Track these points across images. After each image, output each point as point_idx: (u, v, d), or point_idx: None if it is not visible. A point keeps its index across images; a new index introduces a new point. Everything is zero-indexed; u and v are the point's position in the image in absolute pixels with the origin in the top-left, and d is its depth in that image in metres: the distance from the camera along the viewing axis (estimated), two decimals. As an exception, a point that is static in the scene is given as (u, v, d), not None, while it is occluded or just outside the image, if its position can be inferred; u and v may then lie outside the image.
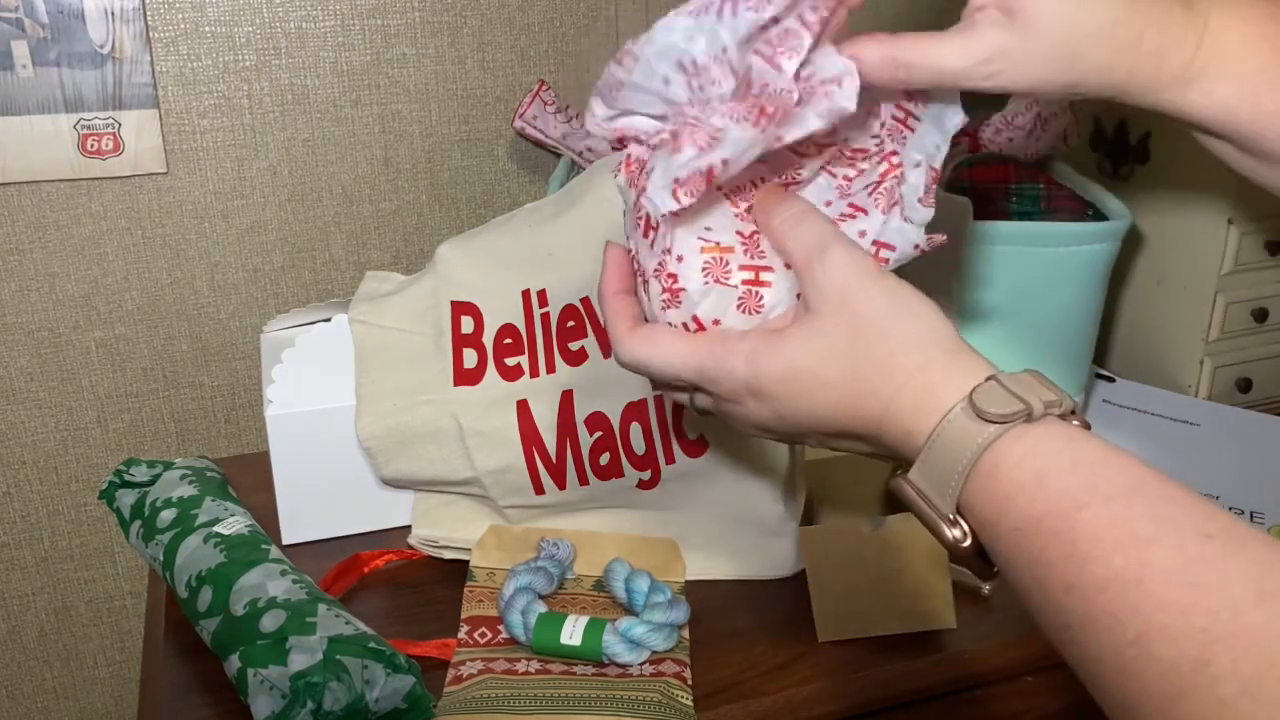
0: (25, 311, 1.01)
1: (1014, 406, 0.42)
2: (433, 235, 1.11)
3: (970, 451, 0.42)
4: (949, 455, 0.43)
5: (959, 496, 0.43)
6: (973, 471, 0.42)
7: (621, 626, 0.67)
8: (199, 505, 0.75)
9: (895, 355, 0.45)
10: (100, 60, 0.96)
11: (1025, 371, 0.44)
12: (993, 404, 0.42)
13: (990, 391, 0.42)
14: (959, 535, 0.43)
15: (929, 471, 0.43)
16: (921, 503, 0.44)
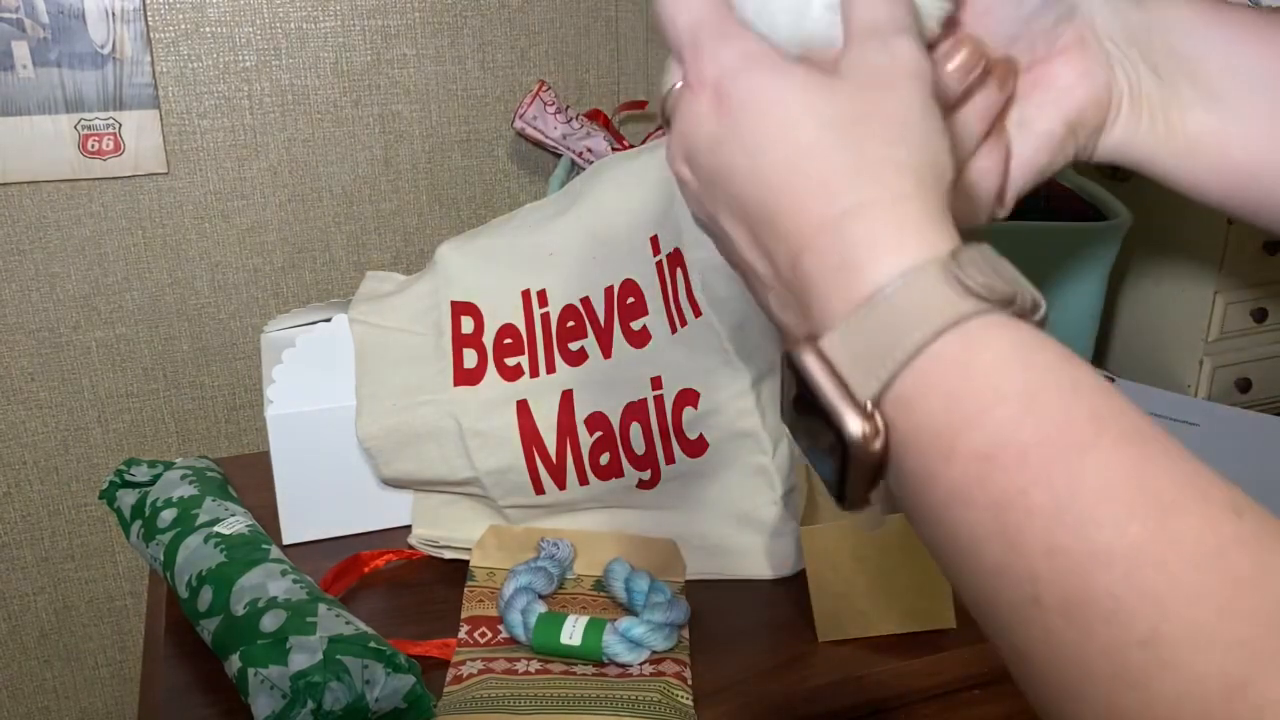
0: (26, 311, 1.01)
1: (1002, 287, 0.32)
2: (433, 235, 1.11)
3: (933, 323, 0.31)
4: (899, 321, 0.32)
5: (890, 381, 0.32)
6: (927, 352, 0.31)
7: (621, 626, 0.67)
8: (199, 505, 0.75)
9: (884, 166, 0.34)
10: (101, 61, 0.96)
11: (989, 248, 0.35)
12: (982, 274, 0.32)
13: (979, 258, 0.33)
14: (868, 431, 0.32)
15: (858, 337, 0.32)
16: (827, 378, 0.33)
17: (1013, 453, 0.30)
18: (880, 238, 0.33)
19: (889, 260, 0.33)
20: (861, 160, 0.34)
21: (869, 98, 0.35)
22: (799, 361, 0.34)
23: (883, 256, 0.33)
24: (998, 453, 0.30)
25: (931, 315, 0.31)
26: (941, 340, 0.31)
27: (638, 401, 0.74)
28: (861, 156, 0.34)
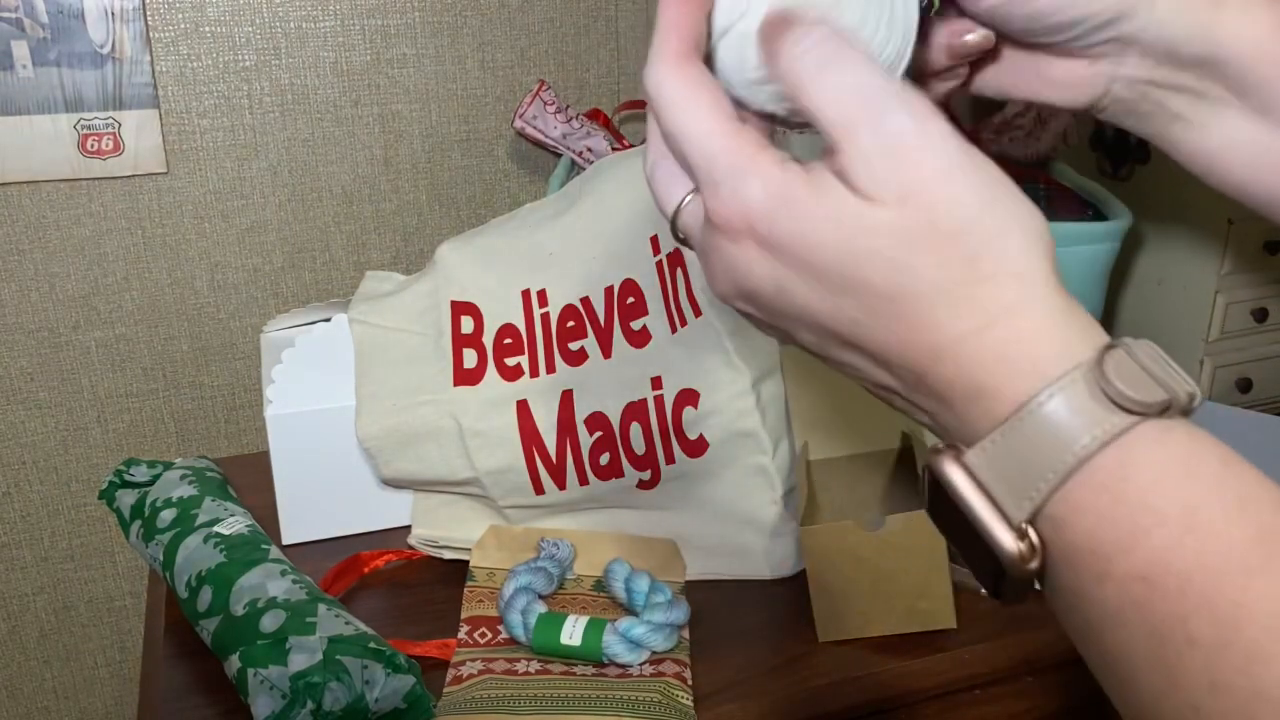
0: (25, 311, 1.01)
1: (1156, 393, 0.29)
2: (433, 235, 1.11)
3: (1084, 444, 0.29)
4: (1047, 442, 0.30)
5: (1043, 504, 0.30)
6: (1081, 475, 0.29)
7: (621, 627, 0.67)
8: (199, 505, 0.75)
9: (980, 284, 0.31)
10: (100, 60, 0.96)
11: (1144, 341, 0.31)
12: (1127, 381, 0.29)
13: (1123, 362, 0.30)
14: (1024, 551, 0.30)
15: (1005, 457, 0.30)
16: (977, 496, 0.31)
17: (1172, 578, 0.28)
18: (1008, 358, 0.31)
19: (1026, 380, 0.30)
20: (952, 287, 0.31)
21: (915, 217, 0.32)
22: (944, 476, 0.32)
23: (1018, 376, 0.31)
24: (1156, 577, 0.28)
25: (1081, 435, 0.29)
26: (1095, 460, 0.29)
27: (638, 401, 0.74)
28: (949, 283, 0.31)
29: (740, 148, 0.34)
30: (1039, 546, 0.31)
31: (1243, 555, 0.27)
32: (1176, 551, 0.28)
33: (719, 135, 0.34)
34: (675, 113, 0.35)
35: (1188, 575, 0.28)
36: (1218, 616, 0.27)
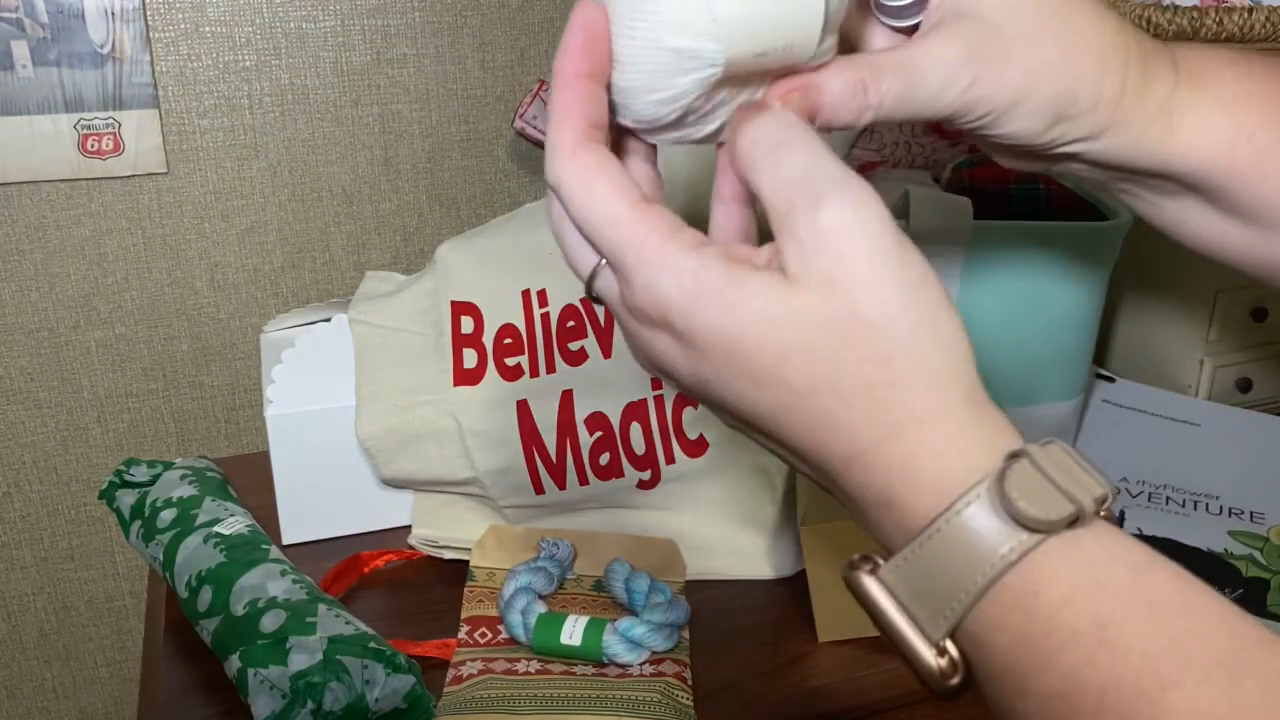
0: (25, 311, 1.01)
1: (1060, 508, 0.29)
2: (433, 235, 1.11)
3: (992, 564, 0.29)
4: (955, 562, 0.29)
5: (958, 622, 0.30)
6: (992, 595, 0.29)
7: (621, 627, 0.67)
8: (199, 505, 0.75)
9: (894, 389, 0.31)
10: (100, 60, 0.96)
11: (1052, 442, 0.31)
12: (1030, 497, 0.29)
13: (1026, 477, 0.29)
14: (944, 667, 0.31)
15: (918, 575, 0.30)
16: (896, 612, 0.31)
17: (1089, 697, 0.27)
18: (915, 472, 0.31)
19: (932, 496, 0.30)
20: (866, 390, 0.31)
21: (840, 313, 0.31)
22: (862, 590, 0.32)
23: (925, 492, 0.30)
24: (1073, 696, 0.28)
25: (988, 555, 0.29)
26: (1002, 581, 0.29)
27: (638, 401, 0.74)
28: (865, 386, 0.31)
29: (647, 238, 0.33)
30: (959, 662, 0.31)
31: (1155, 669, 0.27)
32: (1090, 669, 0.28)
33: (624, 225, 0.34)
34: (578, 205, 0.34)
35: (1103, 692, 0.27)
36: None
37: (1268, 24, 0.85)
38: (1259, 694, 0.26)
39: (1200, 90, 0.42)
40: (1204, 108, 0.42)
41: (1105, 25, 0.41)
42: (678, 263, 0.33)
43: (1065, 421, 0.84)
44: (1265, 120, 0.42)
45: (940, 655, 0.30)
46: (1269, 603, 0.72)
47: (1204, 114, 0.42)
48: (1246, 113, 0.42)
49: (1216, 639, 0.28)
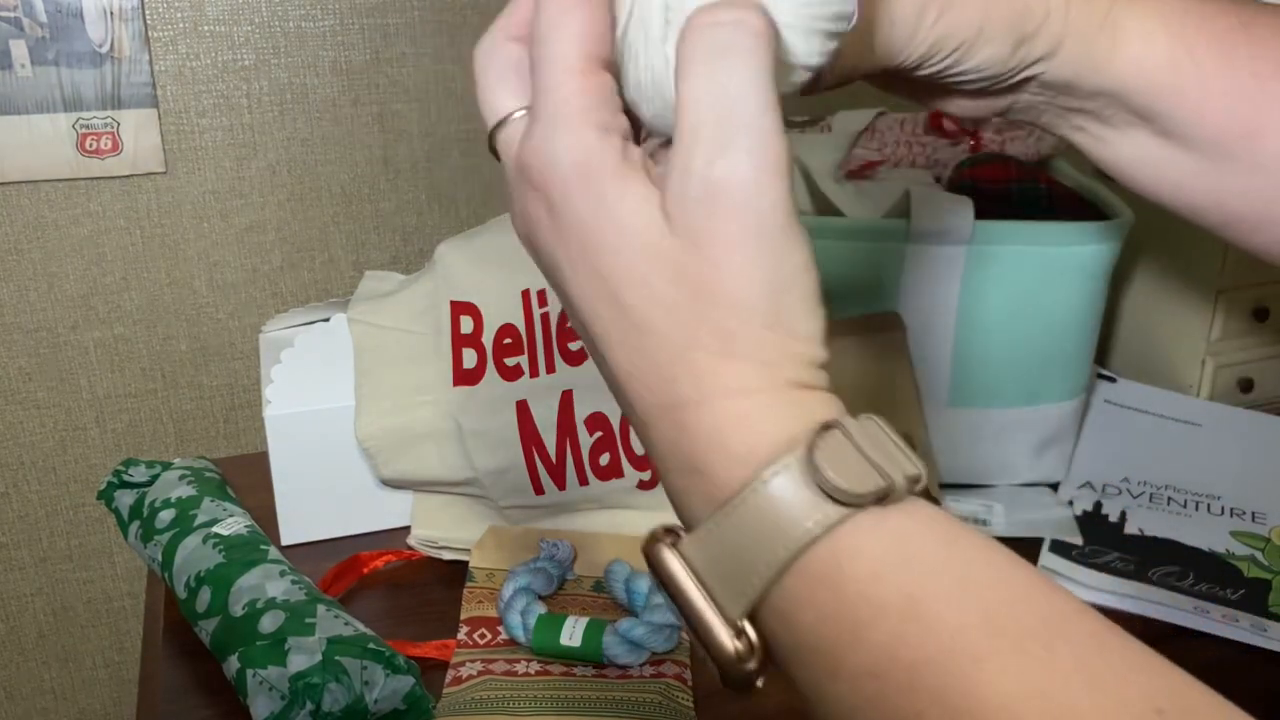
0: (24, 311, 1.00)
1: (870, 480, 0.28)
2: (432, 235, 1.11)
3: (797, 538, 0.28)
4: (759, 535, 0.28)
5: (759, 600, 0.29)
6: (797, 568, 0.28)
7: (622, 628, 0.67)
8: (198, 506, 0.74)
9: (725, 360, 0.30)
10: (99, 59, 0.95)
11: (869, 418, 0.30)
12: (840, 469, 0.28)
13: (837, 448, 0.28)
14: (741, 650, 0.29)
15: (719, 548, 0.29)
16: (695, 589, 0.30)
17: (901, 673, 0.27)
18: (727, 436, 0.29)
19: (741, 465, 0.29)
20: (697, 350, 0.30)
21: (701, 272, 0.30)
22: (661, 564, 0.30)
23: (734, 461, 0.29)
24: (885, 673, 0.27)
25: (792, 528, 0.28)
26: (808, 554, 0.28)
27: (638, 401, 0.74)
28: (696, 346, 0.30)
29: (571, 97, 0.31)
30: (757, 645, 0.29)
31: (967, 643, 0.26)
32: (901, 645, 0.27)
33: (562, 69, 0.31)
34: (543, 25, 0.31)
35: (915, 669, 0.26)
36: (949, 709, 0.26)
37: (1269, 23, 0.85)
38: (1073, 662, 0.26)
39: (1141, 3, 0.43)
40: (1144, 17, 0.43)
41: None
42: (581, 133, 0.31)
43: (1067, 421, 0.84)
44: (1203, 36, 0.43)
45: (738, 636, 0.29)
46: (1270, 603, 0.72)
47: (1144, 23, 0.43)
48: (1185, 27, 0.43)
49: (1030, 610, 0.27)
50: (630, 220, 0.30)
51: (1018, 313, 0.80)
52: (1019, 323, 0.81)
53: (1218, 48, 0.43)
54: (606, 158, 0.31)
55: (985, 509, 0.82)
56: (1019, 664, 0.26)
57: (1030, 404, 0.82)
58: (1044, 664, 0.26)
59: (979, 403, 0.82)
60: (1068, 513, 0.82)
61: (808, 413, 0.30)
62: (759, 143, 0.29)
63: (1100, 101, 0.45)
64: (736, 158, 0.29)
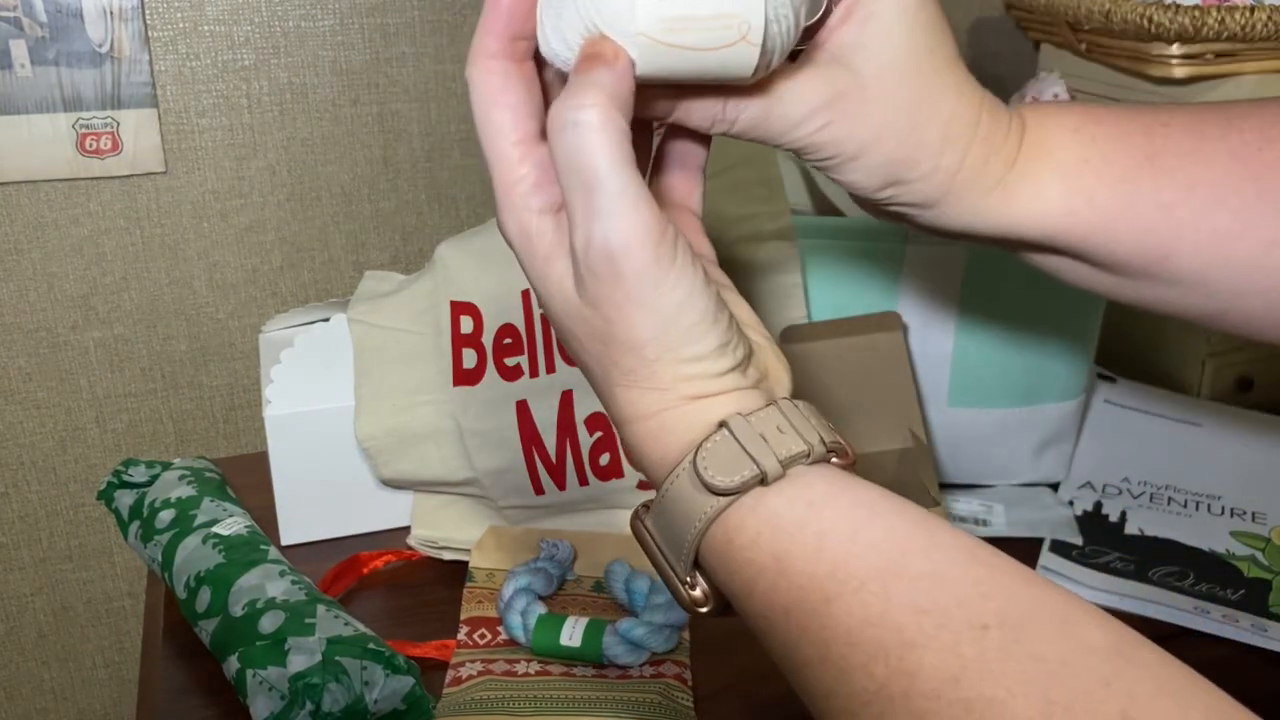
0: (23, 311, 1.00)
1: (744, 470, 0.35)
2: (432, 235, 1.11)
3: (698, 522, 0.36)
4: (679, 518, 0.36)
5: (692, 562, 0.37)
6: (704, 543, 0.36)
7: (621, 628, 0.66)
8: (197, 506, 0.74)
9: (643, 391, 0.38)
10: (99, 59, 0.95)
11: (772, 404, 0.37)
12: (719, 467, 0.35)
13: (718, 450, 0.35)
14: (699, 597, 0.38)
15: (663, 526, 0.37)
16: (658, 554, 0.38)
17: (778, 614, 0.34)
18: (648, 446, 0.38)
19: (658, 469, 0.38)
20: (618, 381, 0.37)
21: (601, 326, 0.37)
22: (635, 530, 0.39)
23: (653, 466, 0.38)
24: (769, 615, 0.34)
25: (694, 517, 0.36)
26: (709, 534, 0.36)
27: (638, 401, 0.74)
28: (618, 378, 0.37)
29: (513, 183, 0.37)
30: (709, 591, 0.37)
31: (820, 586, 0.33)
32: (775, 594, 0.34)
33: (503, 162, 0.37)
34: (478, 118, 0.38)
35: (786, 612, 0.34)
36: (813, 640, 0.33)
37: (1269, 23, 0.85)
38: (905, 594, 0.32)
39: (1039, 161, 0.44)
40: (1040, 178, 0.44)
41: (962, 100, 0.42)
42: (520, 217, 0.38)
43: (1067, 422, 0.84)
44: (1103, 182, 0.43)
45: (692, 588, 0.38)
46: (1270, 603, 0.72)
47: (1040, 184, 0.44)
48: (1084, 178, 0.44)
49: (875, 556, 0.33)
50: (556, 292, 0.38)
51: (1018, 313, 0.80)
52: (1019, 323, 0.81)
53: (1118, 189, 0.43)
54: (540, 242, 0.38)
55: (985, 509, 0.82)
56: (860, 600, 0.32)
57: (1030, 404, 0.82)
58: (878, 597, 0.32)
59: (979, 403, 0.82)
60: (1068, 513, 0.82)
61: (703, 419, 0.37)
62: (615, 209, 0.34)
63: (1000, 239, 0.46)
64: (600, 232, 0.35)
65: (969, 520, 0.81)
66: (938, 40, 0.42)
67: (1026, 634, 0.30)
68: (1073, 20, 0.97)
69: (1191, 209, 0.43)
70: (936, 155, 0.42)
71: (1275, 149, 0.43)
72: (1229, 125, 0.44)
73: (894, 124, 0.41)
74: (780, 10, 0.36)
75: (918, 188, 0.43)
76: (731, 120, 0.41)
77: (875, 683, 0.31)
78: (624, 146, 0.35)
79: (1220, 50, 0.88)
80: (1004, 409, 0.82)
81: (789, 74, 0.40)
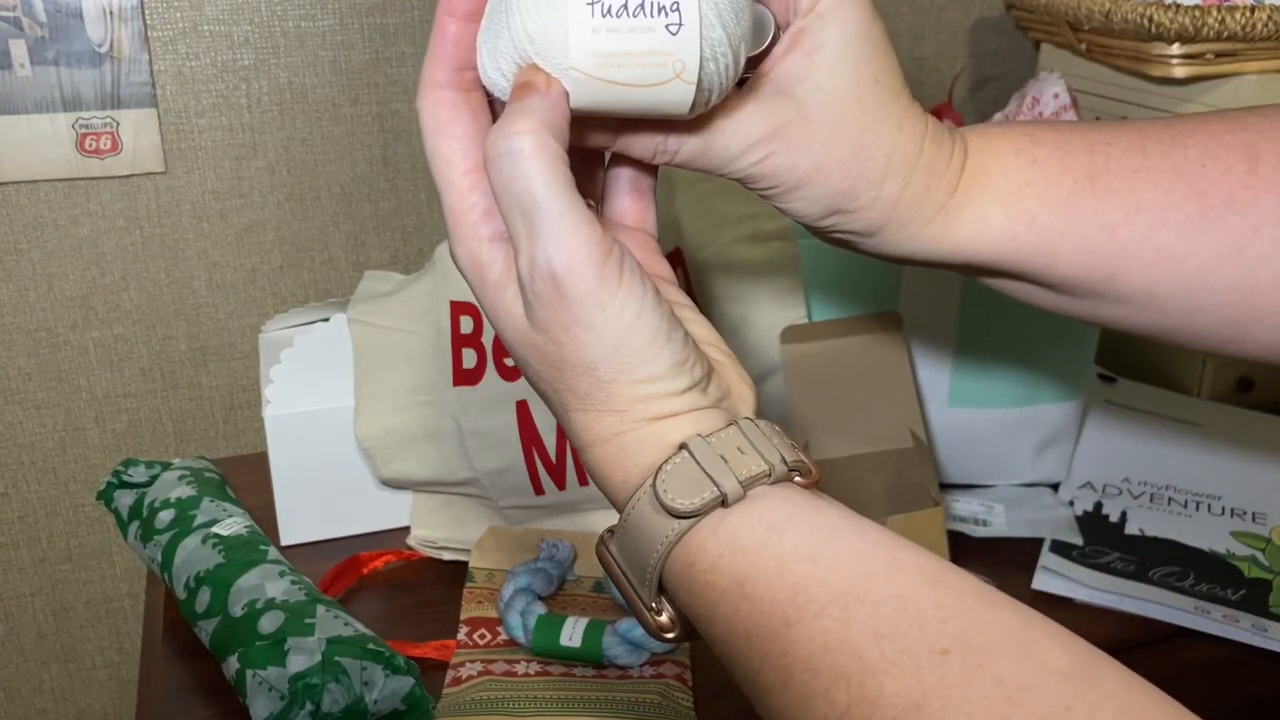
0: (23, 311, 1.00)
1: (704, 492, 0.35)
2: (432, 235, 1.11)
3: (660, 546, 0.35)
4: (642, 542, 0.36)
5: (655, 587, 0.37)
6: (667, 566, 0.36)
7: (621, 628, 0.66)
8: (197, 506, 0.74)
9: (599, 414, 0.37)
10: (98, 59, 0.95)
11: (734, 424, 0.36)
12: (679, 490, 0.35)
13: (677, 472, 0.35)
14: (665, 623, 0.37)
15: (627, 551, 0.37)
16: (623, 579, 0.38)
17: (740, 640, 0.34)
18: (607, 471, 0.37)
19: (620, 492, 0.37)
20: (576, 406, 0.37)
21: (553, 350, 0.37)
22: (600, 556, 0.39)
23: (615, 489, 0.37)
24: (730, 640, 0.34)
25: (655, 540, 0.36)
26: (671, 557, 0.36)
27: (638, 401, 0.74)
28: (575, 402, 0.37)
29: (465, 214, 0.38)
30: (675, 619, 0.37)
31: (781, 611, 0.33)
32: (737, 618, 0.34)
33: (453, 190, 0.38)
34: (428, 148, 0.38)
35: (749, 636, 0.33)
36: (775, 665, 0.32)
37: (1270, 23, 0.85)
38: (866, 618, 0.31)
39: (981, 186, 0.44)
40: (982, 203, 0.44)
41: (904, 131, 0.42)
42: (471, 246, 0.38)
43: (1067, 422, 0.84)
44: (1044, 205, 0.43)
45: (658, 613, 0.37)
46: (1270, 603, 0.72)
47: (981, 209, 0.44)
48: (1026, 201, 0.43)
49: (836, 579, 0.33)
50: (508, 320, 0.38)
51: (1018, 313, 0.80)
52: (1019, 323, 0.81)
53: (1061, 212, 0.43)
54: (490, 270, 0.38)
55: (985, 509, 0.82)
56: (820, 625, 0.32)
57: (1030, 404, 0.82)
58: (839, 622, 0.31)
59: (979, 403, 0.82)
60: (1068, 513, 0.82)
61: (663, 441, 0.36)
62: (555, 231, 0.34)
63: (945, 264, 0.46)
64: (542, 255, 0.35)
65: (969, 520, 0.81)
66: (882, 69, 0.41)
67: (987, 658, 0.29)
68: (1073, 20, 0.97)
69: (1134, 229, 0.43)
70: (877, 185, 0.42)
71: (1219, 164, 0.43)
72: (1172, 142, 0.43)
73: (836, 155, 0.41)
74: (718, 49, 0.36)
75: (859, 216, 0.43)
76: (673, 152, 0.41)
77: (836, 710, 0.30)
78: (560, 170, 0.35)
79: (1220, 50, 0.88)
80: (1004, 409, 0.82)
81: (731, 106, 0.40)
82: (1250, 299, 0.43)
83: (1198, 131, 0.44)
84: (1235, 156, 0.43)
